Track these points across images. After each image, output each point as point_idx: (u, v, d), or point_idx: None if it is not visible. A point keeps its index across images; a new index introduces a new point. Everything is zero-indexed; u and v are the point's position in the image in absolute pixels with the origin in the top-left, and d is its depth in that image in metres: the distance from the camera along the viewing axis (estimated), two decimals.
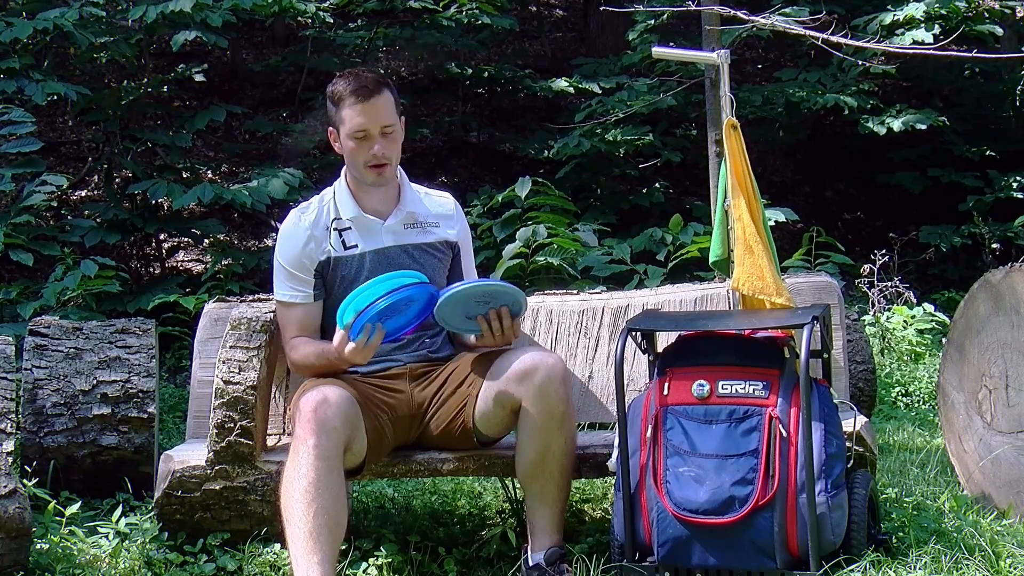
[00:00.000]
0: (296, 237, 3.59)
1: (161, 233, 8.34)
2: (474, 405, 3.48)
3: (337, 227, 3.59)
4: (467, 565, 3.67)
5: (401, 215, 3.62)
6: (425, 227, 3.65)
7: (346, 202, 3.61)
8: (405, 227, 3.62)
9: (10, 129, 6.68)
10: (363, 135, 3.51)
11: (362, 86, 3.51)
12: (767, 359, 3.30)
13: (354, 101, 3.50)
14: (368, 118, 3.50)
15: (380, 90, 3.53)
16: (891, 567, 3.20)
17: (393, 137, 3.55)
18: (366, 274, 3.52)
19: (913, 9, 8.01)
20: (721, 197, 3.76)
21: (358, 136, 3.52)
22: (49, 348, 4.42)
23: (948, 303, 8.05)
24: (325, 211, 3.62)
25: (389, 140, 3.54)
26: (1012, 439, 3.90)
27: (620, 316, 3.87)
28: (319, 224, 3.60)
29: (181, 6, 7.29)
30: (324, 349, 3.48)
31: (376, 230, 3.59)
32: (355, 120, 3.50)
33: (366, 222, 3.60)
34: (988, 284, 4.03)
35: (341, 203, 3.61)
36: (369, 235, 3.59)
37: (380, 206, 3.62)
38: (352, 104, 3.50)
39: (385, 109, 3.53)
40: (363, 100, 3.50)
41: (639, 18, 8.63)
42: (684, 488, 3.20)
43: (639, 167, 9.27)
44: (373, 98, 3.50)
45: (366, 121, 3.50)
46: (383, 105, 3.52)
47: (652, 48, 4.24)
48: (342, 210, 3.61)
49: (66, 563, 3.53)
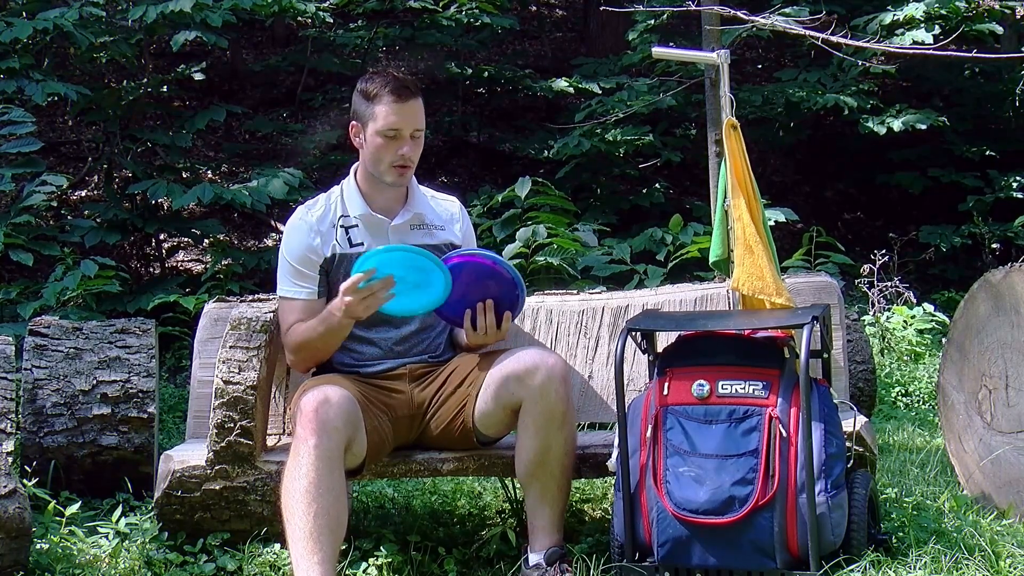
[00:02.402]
0: (302, 233, 3.59)
1: (161, 233, 8.34)
2: (474, 405, 3.48)
3: (344, 224, 3.60)
4: (467, 565, 3.67)
5: (408, 216, 3.62)
6: (431, 230, 3.66)
7: (354, 200, 3.61)
8: (411, 228, 3.63)
9: (10, 129, 6.67)
10: (395, 134, 3.51)
11: (403, 86, 3.52)
12: (767, 359, 3.29)
13: (392, 100, 3.50)
14: (403, 118, 3.50)
15: (418, 93, 3.55)
16: (891, 567, 3.20)
17: (420, 142, 3.57)
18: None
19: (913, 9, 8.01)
20: (721, 197, 3.76)
21: (389, 134, 3.51)
22: (49, 348, 4.42)
23: (948, 303, 8.05)
24: (332, 208, 3.62)
25: (416, 144, 3.56)
26: (1012, 439, 3.90)
27: (620, 316, 3.87)
28: (325, 220, 3.60)
29: (181, 6, 7.29)
30: (326, 312, 3.47)
31: (382, 229, 3.59)
32: (390, 118, 3.50)
33: (373, 220, 3.60)
34: (988, 284, 4.03)
35: (349, 200, 3.62)
36: (375, 233, 3.59)
37: (388, 205, 3.62)
38: (390, 102, 3.50)
39: (419, 113, 3.55)
40: (402, 100, 3.50)
41: (639, 18, 8.64)
42: (684, 488, 3.20)
43: (639, 167, 9.27)
44: (411, 100, 3.52)
45: (400, 120, 3.50)
46: (418, 108, 3.54)
47: (652, 48, 4.24)
48: (350, 207, 3.61)
49: (66, 563, 3.53)
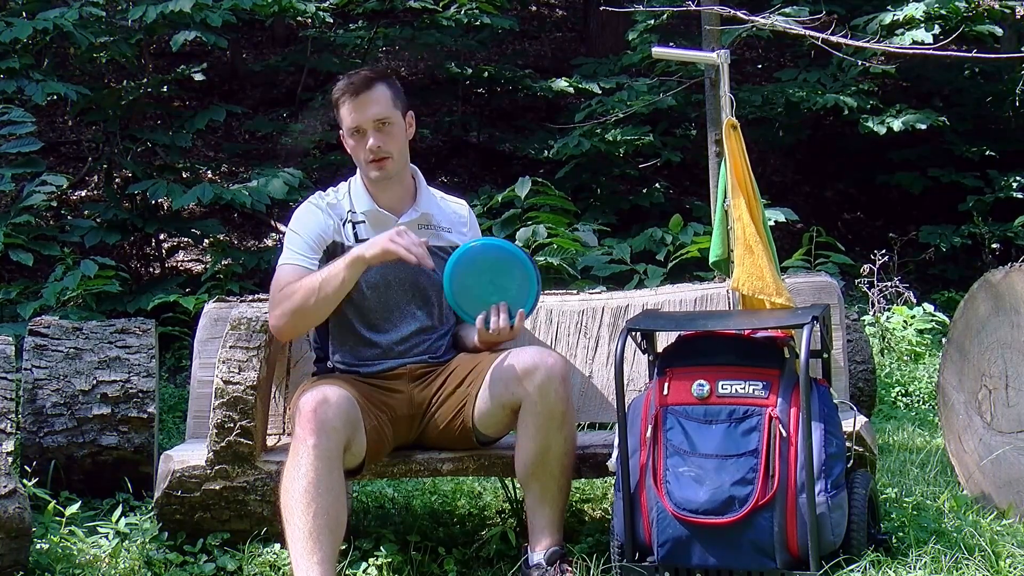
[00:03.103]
0: (318, 213, 3.60)
1: (161, 233, 8.34)
2: (473, 404, 3.48)
3: (352, 219, 3.61)
4: (467, 565, 3.67)
5: (415, 215, 3.62)
6: (437, 231, 3.65)
7: (361, 197, 3.62)
8: (419, 227, 3.61)
9: (10, 129, 6.68)
10: (358, 131, 3.54)
11: (351, 83, 3.54)
12: (767, 359, 3.29)
13: (346, 99, 3.54)
14: (359, 113, 3.52)
15: (371, 85, 3.54)
16: (891, 567, 3.20)
17: (390, 131, 3.54)
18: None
19: (913, 9, 8.01)
20: (721, 197, 3.76)
21: (354, 133, 3.55)
22: (49, 348, 4.42)
23: (948, 303, 8.05)
24: (342, 202, 3.64)
25: (385, 134, 3.54)
26: (1012, 439, 3.90)
27: (620, 316, 3.87)
28: (336, 210, 3.62)
29: (181, 6, 7.29)
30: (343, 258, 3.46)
31: (388, 226, 3.56)
32: (348, 118, 3.54)
33: (380, 217, 3.60)
34: (988, 284, 4.03)
35: (356, 197, 3.63)
36: (381, 231, 3.55)
37: (395, 203, 3.63)
38: (347, 101, 3.54)
39: (376, 103, 3.53)
40: (353, 96, 3.52)
41: (639, 18, 8.64)
42: (684, 488, 3.20)
43: (639, 167, 9.27)
44: (363, 94, 3.52)
45: (358, 116, 3.53)
46: (374, 99, 3.53)
47: (652, 48, 4.24)
48: (357, 204, 3.62)
49: (66, 563, 3.53)
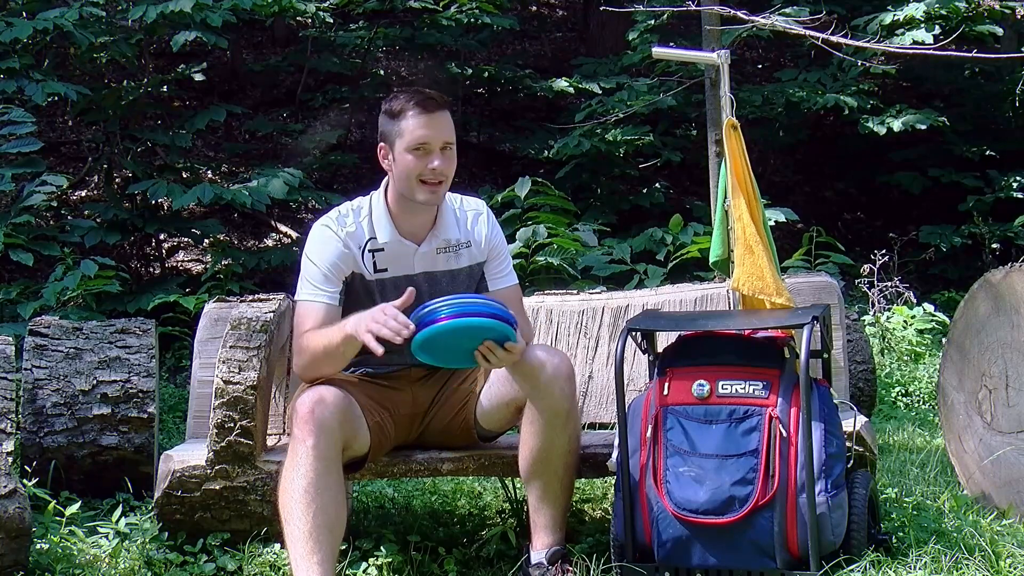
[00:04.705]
0: (335, 243, 3.48)
1: (161, 233, 8.34)
2: (476, 401, 3.49)
3: (372, 247, 3.51)
4: (467, 565, 3.67)
5: (436, 242, 3.54)
6: (457, 250, 3.57)
7: (383, 224, 3.51)
8: (437, 252, 3.55)
9: (10, 129, 6.67)
10: (424, 148, 3.41)
11: (429, 99, 3.43)
12: (767, 359, 3.29)
13: (418, 112, 3.41)
14: (431, 131, 3.41)
15: (443, 107, 3.46)
16: (891, 567, 3.20)
17: (450, 157, 3.47)
18: (379, 299, 3.41)
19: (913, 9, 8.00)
20: (721, 197, 3.76)
21: (418, 149, 3.41)
22: (49, 348, 4.41)
23: (948, 303, 8.05)
24: (362, 230, 3.51)
25: (447, 159, 3.46)
26: (1012, 439, 3.90)
27: (620, 316, 3.87)
28: (355, 239, 3.50)
29: (181, 6, 7.29)
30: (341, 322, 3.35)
31: (408, 256, 3.51)
32: (417, 132, 3.41)
33: (401, 248, 3.51)
34: (988, 284, 4.03)
35: (378, 225, 3.51)
36: (400, 261, 3.51)
37: (417, 230, 3.53)
38: (416, 116, 3.41)
39: (448, 126, 3.46)
40: (428, 112, 3.41)
41: (639, 18, 8.64)
42: (684, 488, 3.20)
43: (639, 167, 9.28)
44: (438, 112, 3.43)
45: (429, 133, 3.41)
46: (446, 121, 3.46)
47: (652, 48, 4.24)
48: (379, 232, 3.51)
49: (66, 563, 3.53)
